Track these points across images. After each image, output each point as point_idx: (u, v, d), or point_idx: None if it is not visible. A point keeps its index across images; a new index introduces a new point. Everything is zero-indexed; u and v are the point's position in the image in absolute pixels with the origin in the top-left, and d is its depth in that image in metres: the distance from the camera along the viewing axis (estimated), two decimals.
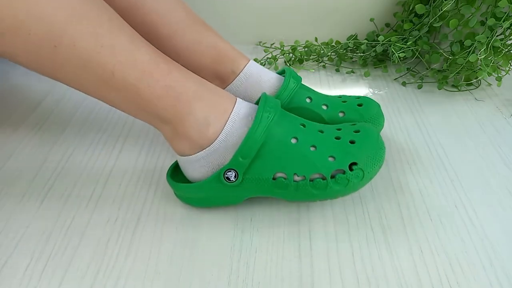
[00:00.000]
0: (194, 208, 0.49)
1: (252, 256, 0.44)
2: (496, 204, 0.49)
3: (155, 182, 0.53)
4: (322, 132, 0.46)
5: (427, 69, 0.73)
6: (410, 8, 0.72)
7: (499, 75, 0.66)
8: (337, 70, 0.77)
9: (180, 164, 0.47)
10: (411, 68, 0.75)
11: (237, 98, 0.46)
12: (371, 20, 0.77)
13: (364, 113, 0.53)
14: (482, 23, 0.65)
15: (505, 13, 0.61)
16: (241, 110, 0.45)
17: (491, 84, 0.71)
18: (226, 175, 0.44)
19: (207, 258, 0.44)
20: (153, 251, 0.44)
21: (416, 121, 0.63)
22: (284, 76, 0.55)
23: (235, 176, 0.44)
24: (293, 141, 0.44)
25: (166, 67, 0.42)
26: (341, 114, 0.53)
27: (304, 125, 0.46)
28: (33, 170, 0.55)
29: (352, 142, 0.45)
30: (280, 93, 0.52)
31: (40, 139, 0.60)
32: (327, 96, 0.56)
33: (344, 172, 0.44)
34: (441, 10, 0.64)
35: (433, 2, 0.67)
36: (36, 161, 0.56)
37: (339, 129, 0.48)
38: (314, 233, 0.46)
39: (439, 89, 0.70)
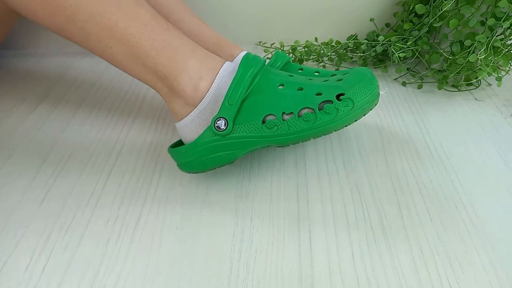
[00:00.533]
0: (194, 208, 0.49)
1: (252, 256, 0.44)
2: (496, 204, 0.49)
3: (155, 182, 0.53)
4: (310, 79, 0.48)
5: (427, 69, 0.73)
6: (410, 8, 0.72)
7: (499, 75, 0.66)
8: (337, 70, 0.77)
9: (179, 132, 0.50)
10: (411, 68, 0.75)
11: (226, 61, 0.49)
12: (371, 20, 0.77)
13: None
14: (482, 23, 0.65)
15: (505, 13, 0.61)
16: (230, 66, 0.48)
17: (491, 84, 0.71)
18: (217, 124, 0.46)
19: (207, 258, 0.44)
20: (153, 251, 0.44)
21: (416, 121, 0.63)
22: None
23: (225, 124, 0.46)
24: (280, 87, 0.46)
25: (165, 25, 0.47)
26: (333, 75, 0.54)
27: (291, 76, 0.48)
28: (33, 170, 0.55)
29: (339, 80, 0.47)
30: (270, 63, 0.55)
31: (40, 139, 0.60)
32: (318, 68, 0.58)
33: (332, 102, 0.44)
34: (441, 10, 0.64)
35: (433, 2, 0.67)
36: (36, 161, 0.56)
37: (329, 77, 0.49)
38: (314, 233, 0.46)
39: (439, 89, 0.70)
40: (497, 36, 0.62)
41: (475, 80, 0.70)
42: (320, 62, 0.79)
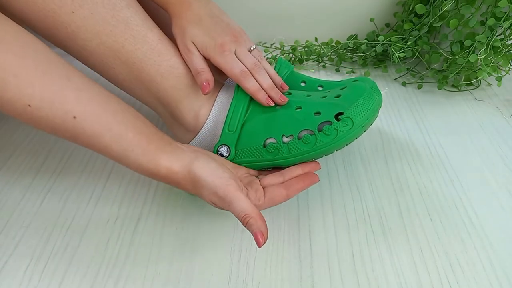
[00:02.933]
0: (194, 208, 0.49)
1: (252, 256, 0.44)
2: (496, 204, 0.49)
3: (155, 182, 0.53)
4: (309, 95, 0.47)
5: (427, 69, 0.73)
6: (410, 8, 0.72)
7: (499, 75, 0.66)
8: (337, 70, 0.77)
9: None
10: (411, 68, 0.75)
11: (226, 81, 0.48)
12: (371, 20, 0.77)
13: None
14: (482, 23, 0.65)
15: (505, 13, 0.61)
16: (228, 90, 0.47)
17: (491, 84, 0.71)
18: (219, 152, 0.46)
19: (207, 258, 0.44)
20: (153, 251, 0.44)
21: (416, 121, 0.63)
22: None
23: (227, 151, 0.45)
24: (278, 107, 0.46)
25: (173, 50, 0.45)
26: None
27: (290, 94, 0.47)
28: (33, 170, 0.55)
29: (337, 96, 0.46)
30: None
31: (40, 139, 0.60)
32: (321, 79, 0.55)
33: (331, 123, 0.43)
34: (441, 10, 0.64)
35: (433, 2, 0.67)
36: (36, 161, 0.56)
37: (327, 92, 0.48)
38: (314, 233, 0.46)
39: (439, 89, 0.70)
40: (497, 36, 0.62)
41: (475, 80, 0.70)
42: (320, 62, 0.79)
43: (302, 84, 0.54)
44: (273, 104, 0.46)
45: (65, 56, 0.43)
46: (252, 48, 0.47)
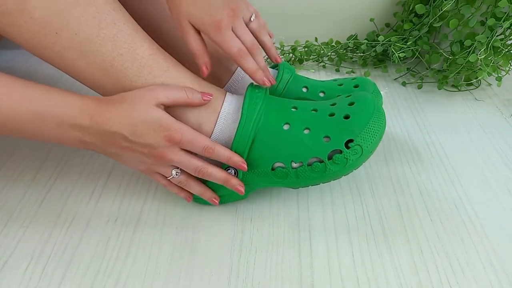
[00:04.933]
0: (194, 208, 0.49)
1: (252, 256, 0.44)
2: (496, 204, 0.49)
3: (155, 182, 0.53)
4: (315, 110, 0.45)
5: (427, 69, 0.73)
6: (410, 8, 0.72)
7: (499, 75, 0.66)
8: (337, 70, 0.77)
9: None
10: (411, 68, 0.75)
11: (227, 93, 0.46)
12: (371, 20, 0.77)
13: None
14: (482, 23, 0.65)
15: (505, 13, 0.61)
16: (231, 105, 0.45)
17: (491, 84, 0.71)
18: (228, 170, 0.45)
19: (207, 258, 0.44)
20: (153, 251, 0.44)
21: (416, 121, 0.63)
22: (277, 69, 0.55)
23: (235, 173, 0.45)
24: (286, 127, 0.44)
25: (165, 64, 0.43)
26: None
27: (296, 107, 0.46)
28: (33, 170, 0.55)
29: (346, 117, 0.44)
30: (275, 86, 0.52)
31: None
32: (322, 81, 0.56)
33: (341, 152, 0.42)
34: (441, 10, 0.64)
35: (433, 2, 0.67)
36: (36, 161, 0.56)
37: (333, 104, 0.46)
38: (314, 233, 0.46)
39: (439, 89, 0.70)
40: (497, 36, 0.62)
41: (475, 80, 0.70)
42: (320, 62, 0.79)
43: (304, 90, 0.53)
44: (268, 85, 0.45)
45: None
46: (252, 19, 0.45)
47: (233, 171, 0.44)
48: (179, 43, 0.53)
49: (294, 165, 0.43)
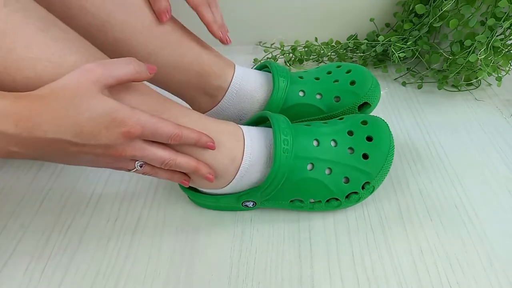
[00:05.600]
0: (194, 208, 0.49)
1: (252, 256, 0.44)
2: (496, 204, 0.49)
3: (155, 182, 0.53)
4: (335, 143, 0.46)
5: (427, 69, 0.73)
6: (410, 8, 0.72)
7: (499, 75, 0.66)
8: None
9: None
10: (411, 68, 0.75)
11: (245, 139, 0.44)
12: (371, 20, 0.77)
13: (359, 91, 0.52)
14: (482, 23, 0.65)
15: (505, 13, 0.61)
16: (253, 153, 0.43)
17: (491, 84, 0.71)
18: (245, 204, 0.46)
19: (207, 258, 0.44)
20: (153, 251, 0.44)
21: (416, 121, 0.63)
22: (268, 71, 0.54)
23: (253, 204, 0.46)
24: (309, 167, 0.44)
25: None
26: (336, 100, 0.52)
27: (318, 141, 0.45)
28: (33, 170, 0.55)
29: (365, 156, 0.46)
30: (273, 97, 0.50)
31: None
32: (317, 82, 0.53)
33: (357, 193, 0.46)
34: (441, 10, 0.64)
35: (433, 2, 0.67)
36: (36, 161, 0.56)
37: (350, 132, 0.47)
38: (314, 233, 0.46)
39: (439, 89, 0.70)
40: (497, 36, 0.62)
41: (475, 80, 0.70)
42: (320, 62, 0.79)
43: (301, 94, 0.52)
44: (224, 40, 0.48)
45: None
46: None
47: (252, 203, 0.46)
48: (161, 67, 0.47)
49: (312, 200, 0.46)
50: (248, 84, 0.52)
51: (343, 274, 0.42)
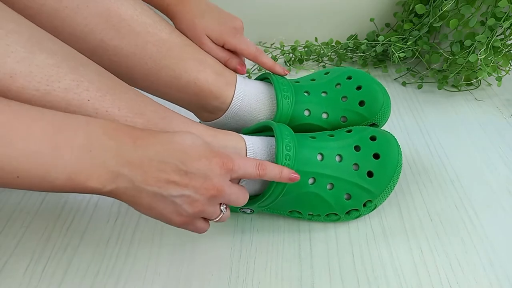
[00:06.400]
0: None
1: (252, 256, 0.44)
2: (496, 204, 0.49)
3: None
4: (341, 158, 0.44)
5: (427, 69, 0.73)
6: (410, 8, 0.72)
7: (499, 75, 0.66)
8: None
9: None
10: (411, 68, 0.75)
11: (247, 152, 0.42)
12: (371, 20, 0.77)
13: (368, 114, 0.49)
14: (482, 23, 0.65)
15: (505, 13, 0.61)
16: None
17: (491, 84, 0.71)
18: (243, 210, 0.46)
19: (207, 258, 0.44)
20: (153, 251, 0.44)
21: (416, 121, 0.63)
22: (270, 82, 0.51)
23: (251, 211, 0.46)
24: (310, 181, 0.43)
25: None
26: (342, 120, 0.50)
27: (322, 155, 0.44)
28: None
29: (370, 174, 0.44)
30: (277, 119, 0.48)
31: None
32: (324, 98, 0.50)
33: (358, 210, 0.45)
34: (441, 10, 0.64)
35: (433, 2, 0.67)
36: None
37: (357, 148, 0.45)
38: (314, 233, 0.46)
39: (439, 89, 0.70)
40: (497, 36, 0.62)
41: (475, 80, 0.70)
42: (320, 62, 0.79)
43: (306, 113, 0.49)
44: (287, 74, 0.51)
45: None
46: None
47: (249, 209, 0.46)
48: (159, 87, 0.47)
49: (311, 213, 0.46)
50: (249, 106, 0.49)
51: (343, 274, 0.42)
